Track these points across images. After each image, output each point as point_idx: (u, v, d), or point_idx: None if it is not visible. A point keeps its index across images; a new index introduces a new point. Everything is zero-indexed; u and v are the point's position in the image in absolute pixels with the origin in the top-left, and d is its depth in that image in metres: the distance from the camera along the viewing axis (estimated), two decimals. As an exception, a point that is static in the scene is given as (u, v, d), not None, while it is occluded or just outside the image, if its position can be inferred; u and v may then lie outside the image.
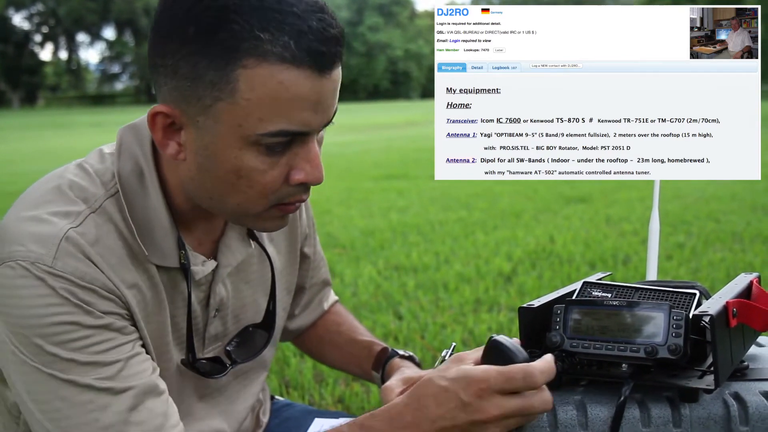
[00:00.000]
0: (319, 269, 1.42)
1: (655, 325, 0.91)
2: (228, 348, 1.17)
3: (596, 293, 1.04)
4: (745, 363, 1.01)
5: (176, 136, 0.97)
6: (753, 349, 1.08)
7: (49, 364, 0.92)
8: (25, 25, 65.46)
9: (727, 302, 0.92)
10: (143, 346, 1.01)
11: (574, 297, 1.05)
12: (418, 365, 1.30)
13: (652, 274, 1.34)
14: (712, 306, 0.91)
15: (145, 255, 1.01)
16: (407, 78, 65.99)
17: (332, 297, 1.48)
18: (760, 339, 1.12)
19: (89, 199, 0.99)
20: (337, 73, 0.95)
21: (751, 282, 1.05)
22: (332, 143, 14.97)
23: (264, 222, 1.03)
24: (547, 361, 0.89)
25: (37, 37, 66.88)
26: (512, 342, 0.90)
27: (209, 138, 0.94)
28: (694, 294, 1.00)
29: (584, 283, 1.07)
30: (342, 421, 1.24)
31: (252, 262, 1.19)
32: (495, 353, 0.89)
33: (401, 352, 1.32)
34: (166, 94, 0.95)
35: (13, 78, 60.52)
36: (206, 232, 1.11)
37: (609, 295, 1.03)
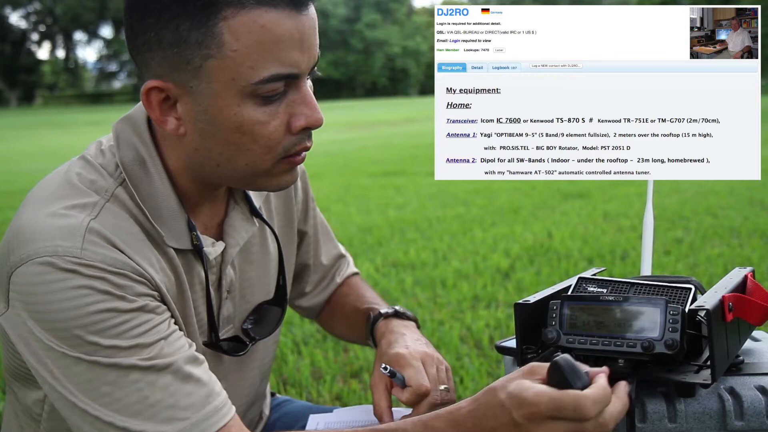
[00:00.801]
0: (324, 244, 1.41)
1: (652, 320, 0.91)
2: (245, 326, 1.19)
3: (591, 288, 1.04)
4: (741, 357, 1.01)
5: (173, 111, 0.98)
6: (748, 344, 1.09)
7: (91, 352, 0.92)
8: (22, 24, 65.32)
9: (723, 297, 0.92)
10: (176, 323, 1.02)
11: (569, 293, 1.05)
12: (410, 318, 1.29)
13: (646, 270, 1.34)
14: (708, 301, 0.92)
15: (162, 238, 1.02)
16: (405, 75, 65.89)
17: (349, 270, 1.47)
18: (756, 333, 1.12)
19: (101, 190, 1.00)
20: (313, 11, 0.97)
21: (746, 276, 1.05)
22: (330, 140, 14.94)
23: (275, 179, 1.04)
24: (602, 388, 0.84)
25: (35, 36, 66.73)
26: (573, 365, 0.85)
27: (206, 101, 0.95)
28: (690, 289, 1.00)
29: (579, 278, 1.07)
30: (340, 414, 1.24)
31: (254, 243, 1.20)
32: (555, 374, 0.85)
33: (383, 311, 1.30)
34: (155, 69, 0.96)
35: (10, 77, 60.37)
36: (210, 216, 1.12)
37: (604, 291, 1.03)
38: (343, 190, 8.18)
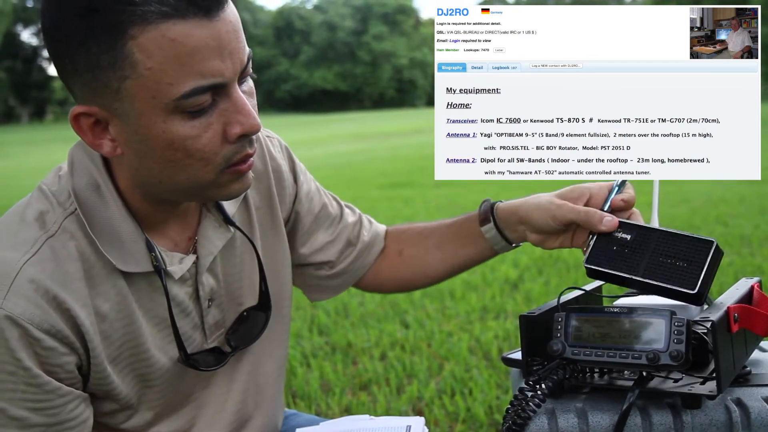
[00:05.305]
0: (329, 221, 1.37)
1: (657, 332, 0.91)
2: (227, 335, 1.16)
3: (618, 235, 1.00)
4: (748, 368, 1.00)
5: (106, 134, 0.96)
6: (756, 354, 1.08)
7: None
8: (33, 41, 65.96)
9: (728, 307, 0.92)
10: (95, 371, 1.01)
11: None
12: None
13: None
14: (713, 312, 0.91)
15: (112, 267, 1.00)
16: (412, 86, 66.08)
17: (376, 227, 1.41)
18: (764, 344, 1.12)
19: (47, 223, 0.98)
20: (230, 12, 0.92)
21: (752, 287, 1.04)
22: (338, 152, 14.97)
23: (224, 189, 1.00)
24: None
25: (45, 53, 67.21)
26: None
27: (133, 121, 0.92)
28: (712, 242, 1.02)
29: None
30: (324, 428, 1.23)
31: (235, 245, 1.16)
32: None
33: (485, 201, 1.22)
34: (78, 94, 0.94)
35: (21, 93, 60.94)
36: (180, 231, 1.10)
37: (628, 237, 1.00)
38: (351, 202, 8.11)
